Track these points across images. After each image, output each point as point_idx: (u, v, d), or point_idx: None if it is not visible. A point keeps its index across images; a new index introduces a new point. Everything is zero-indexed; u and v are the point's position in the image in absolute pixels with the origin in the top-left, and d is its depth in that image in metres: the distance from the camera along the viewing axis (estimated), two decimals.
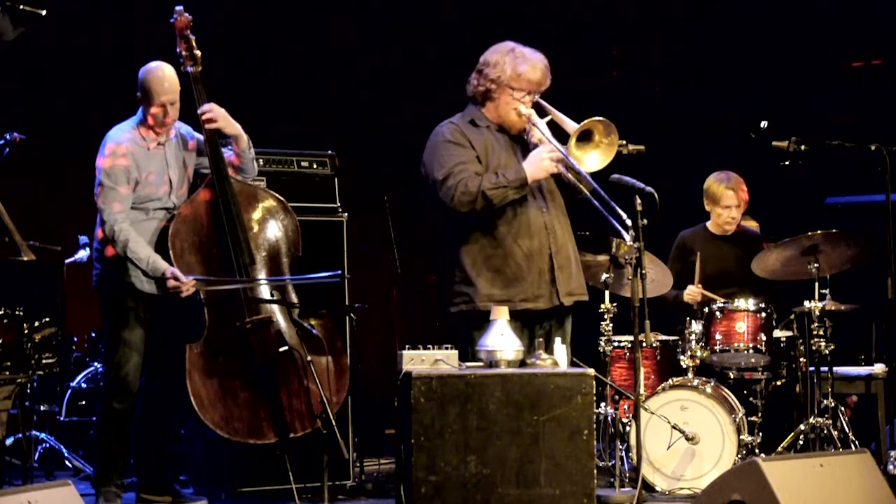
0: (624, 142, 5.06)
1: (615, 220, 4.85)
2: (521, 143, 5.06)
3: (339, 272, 5.16)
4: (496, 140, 5.03)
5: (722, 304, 6.11)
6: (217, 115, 5.20)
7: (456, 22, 8.34)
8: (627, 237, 4.86)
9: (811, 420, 5.91)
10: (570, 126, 4.92)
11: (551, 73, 5.05)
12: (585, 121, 4.84)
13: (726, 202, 6.46)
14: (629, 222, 4.83)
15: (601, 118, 4.83)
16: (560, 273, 4.99)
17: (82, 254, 6.27)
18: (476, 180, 4.86)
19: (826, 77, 8.32)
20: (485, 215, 4.91)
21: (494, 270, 4.94)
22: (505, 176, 4.86)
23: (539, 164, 4.89)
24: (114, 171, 5.05)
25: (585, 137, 4.87)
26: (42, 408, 6.62)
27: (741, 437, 5.77)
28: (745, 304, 6.09)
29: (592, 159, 4.88)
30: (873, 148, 5.71)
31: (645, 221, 4.88)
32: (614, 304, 5.96)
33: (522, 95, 4.99)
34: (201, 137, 5.31)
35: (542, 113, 5.03)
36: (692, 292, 6.30)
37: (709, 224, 6.60)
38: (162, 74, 5.11)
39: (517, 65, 4.96)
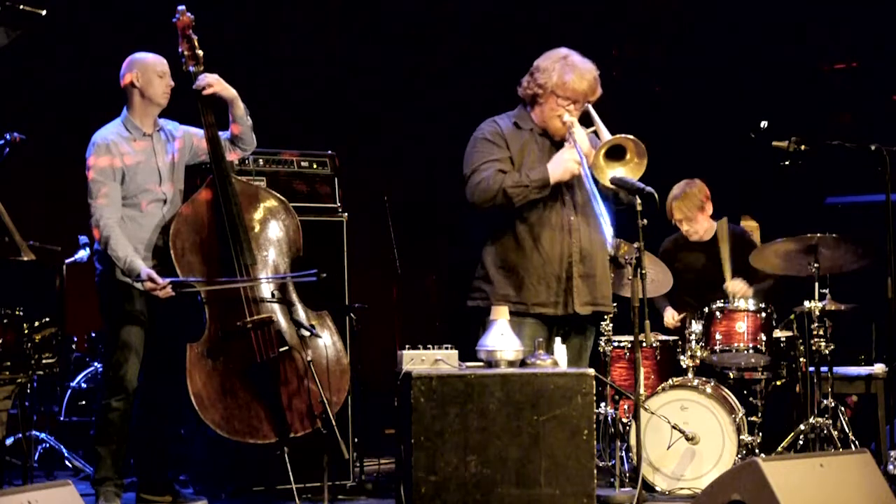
0: None
1: (606, 235, 4.89)
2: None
3: (315, 270, 5.15)
4: (536, 144, 5.05)
5: (722, 304, 6.11)
6: (211, 79, 5.21)
7: (457, 23, 8.34)
8: (609, 244, 4.93)
9: (811, 420, 5.91)
10: (606, 138, 4.92)
11: None
12: (617, 136, 4.84)
13: (677, 216, 6.51)
14: (611, 238, 4.87)
15: (633, 137, 4.83)
16: (580, 281, 4.98)
17: (82, 254, 6.26)
18: (499, 177, 4.89)
19: (824, 77, 8.34)
20: (508, 214, 4.93)
21: (511, 271, 4.97)
22: (528, 175, 4.89)
23: (563, 163, 4.89)
24: (102, 168, 5.07)
25: (618, 154, 4.86)
26: (42, 408, 6.62)
27: (741, 437, 5.77)
28: (745, 304, 6.09)
29: (616, 174, 4.87)
30: (873, 148, 5.71)
31: (645, 221, 4.88)
32: (614, 304, 5.96)
33: (567, 104, 4.99)
34: (190, 129, 5.34)
35: (588, 122, 5.03)
36: (670, 323, 6.40)
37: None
38: (151, 54, 5.20)
39: (564, 73, 4.97)
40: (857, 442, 5.94)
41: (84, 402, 6.71)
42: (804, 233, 5.90)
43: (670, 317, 6.48)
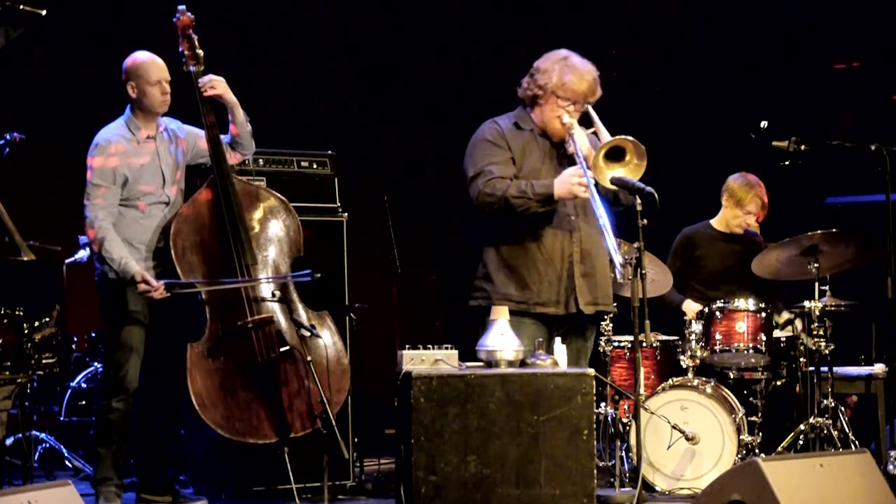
0: None
1: (613, 253, 4.85)
2: (562, 150, 5.07)
3: (309, 270, 5.16)
4: (536, 144, 5.07)
5: (722, 304, 6.11)
6: (216, 81, 5.22)
7: (455, 23, 8.35)
8: (618, 273, 4.86)
9: (811, 420, 5.91)
10: (606, 139, 4.92)
11: None
12: (616, 137, 4.86)
13: (751, 208, 6.47)
14: (620, 259, 4.82)
15: (633, 139, 4.84)
16: (583, 280, 5.00)
17: (82, 254, 6.26)
18: (504, 184, 4.90)
19: (824, 77, 8.34)
20: (510, 217, 4.93)
21: (513, 270, 4.98)
22: (532, 187, 4.88)
23: (568, 185, 4.87)
24: (103, 170, 5.08)
25: (618, 155, 4.87)
26: (42, 408, 6.62)
27: (741, 437, 5.77)
28: (745, 304, 6.09)
29: (616, 175, 4.87)
30: (873, 148, 5.72)
31: (645, 221, 4.88)
32: (614, 304, 5.96)
33: (567, 104, 5.01)
34: (193, 130, 5.34)
35: (588, 124, 5.05)
36: (693, 312, 6.29)
37: (714, 222, 6.60)
38: (150, 56, 5.19)
39: (564, 74, 4.99)
40: (857, 442, 5.95)
41: (84, 402, 6.71)
42: (804, 233, 5.90)
43: (692, 312, 6.30)
